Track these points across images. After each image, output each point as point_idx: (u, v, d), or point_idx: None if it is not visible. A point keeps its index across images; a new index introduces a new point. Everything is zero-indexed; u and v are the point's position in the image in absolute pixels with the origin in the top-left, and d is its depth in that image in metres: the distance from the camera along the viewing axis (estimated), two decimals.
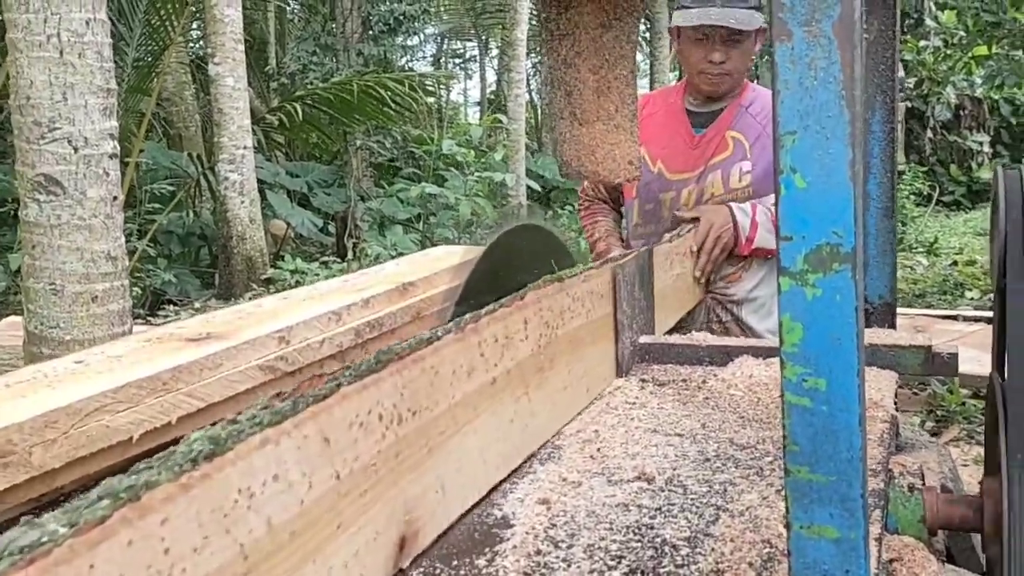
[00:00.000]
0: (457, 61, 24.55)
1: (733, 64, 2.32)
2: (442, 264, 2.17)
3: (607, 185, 2.48)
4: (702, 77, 2.35)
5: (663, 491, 1.21)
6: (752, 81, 2.49)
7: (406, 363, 1.01)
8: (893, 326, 1.93)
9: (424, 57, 22.63)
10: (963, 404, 4.73)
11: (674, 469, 1.28)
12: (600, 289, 1.64)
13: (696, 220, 2.29)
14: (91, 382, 1.32)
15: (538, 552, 1.05)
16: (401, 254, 7.53)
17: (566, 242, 1.62)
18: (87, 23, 3.45)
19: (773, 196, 0.90)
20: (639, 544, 1.06)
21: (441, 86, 18.03)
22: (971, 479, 3.61)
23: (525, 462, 1.35)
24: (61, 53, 3.39)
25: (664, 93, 2.59)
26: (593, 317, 1.60)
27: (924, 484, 1.27)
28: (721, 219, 2.27)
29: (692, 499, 1.18)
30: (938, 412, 4.77)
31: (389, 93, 9.24)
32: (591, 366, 1.59)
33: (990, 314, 1.89)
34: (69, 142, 3.43)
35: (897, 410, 1.58)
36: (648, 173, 2.37)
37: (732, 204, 2.31)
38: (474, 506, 1.17)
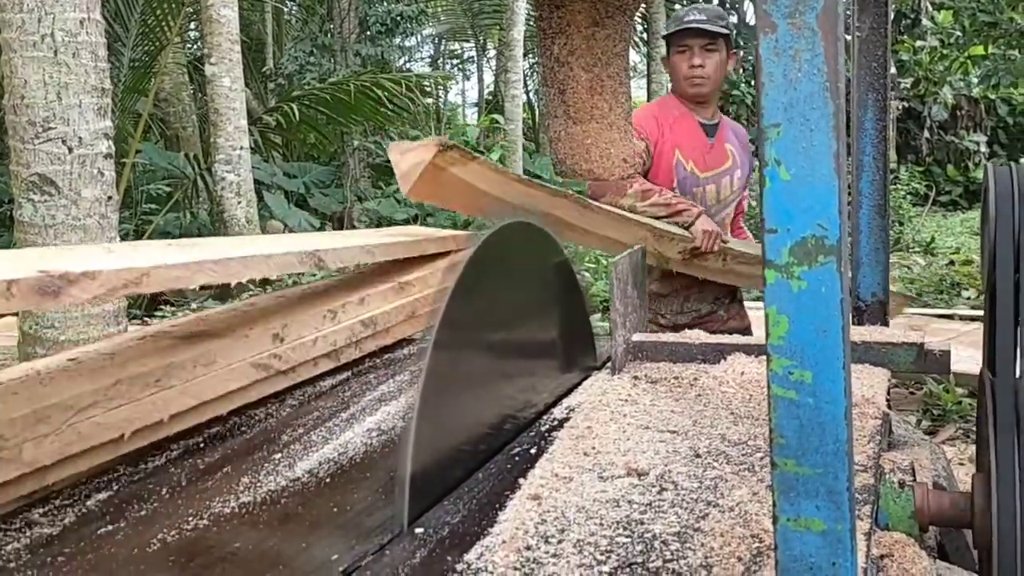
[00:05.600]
0: (455, 62, 24.53)
1: (709, 69, 2.75)
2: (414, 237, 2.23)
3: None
4: (687, 81, 2.76)
5: (654, 487, 1.22)
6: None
7: None
8: (886, 324, 1.93)
9: (421, 58, 22.61)
10: (959, 403, 4.73)
11: (665, 465, 1.28)
12: None
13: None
14: (84, 378, 1.32)
15: (528, 547, 1.05)
16: None
17: (558, 239, 1.62)
18: (81, 23, 3.44)
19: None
20: (628, 539, 1.07)
21: (438, 87, 18.03)
22: (966, 478, 3.61)
23: (517, 456, 1.35)
24: (55, 53, 3.39)
25: (667, 104, 2.90)
26: None
27: (915, 480, 1.28)
28: (711, 236, 2.61)
29: (682, 495, 1.19)
30: (934, 411, 4.77)
31: (386, 94, 9.23)
32: None
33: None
34: (63, 142, 3.42)
35: (889, 407, 1.58)
36: (683, 171, 2.73)
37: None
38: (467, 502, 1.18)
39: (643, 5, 2.08)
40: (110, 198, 3.61)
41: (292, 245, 1.75)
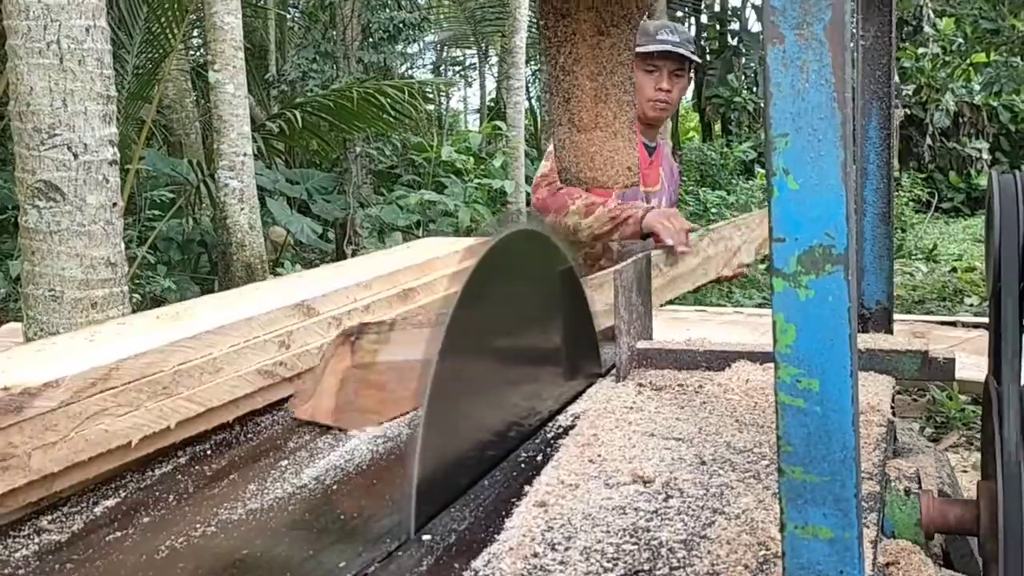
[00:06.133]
0: (457, 68, 24.59)
1: (675, 95, 2.76)
2: (435, 253, 2.20)
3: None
4: (650, 104, 2.75)
5: (660, 494, 1.22)
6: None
7: None
8: (890, 331, 1.93)
9: (424, 64, 22.66)
10: (963, 410, 4.73)
11: (671, 472, 1.29)
12: None
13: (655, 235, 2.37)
14: (91, 386, 1.32)
15: (535, 555, 1.05)
16: None
17: (564, 246, 1.63)
18: (87, 30, 3.46)
19: None
20: (635, 547, 1.07)
21: (441, 93, 18.07)
22: (970, 485, 3.60)
23: (523, 463, 1.35)
24: (61, 60, 3.40)
25: None
26: None
27: (921, 488, 1.28)
28: (678, 220, 2.40)
29: (688, 502, 1.19)
30: (937, 418, 4.77)
31: (389, 100, 9.24)
32: None
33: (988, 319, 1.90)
34: (69, 148, 3.44)
35: (894, 414, 1.58)
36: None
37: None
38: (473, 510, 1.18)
39: (647, 13, 2.10)
40: (115, 204, 3.62)
41: (278, 299, 1.72)
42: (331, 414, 1.56)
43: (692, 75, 2.85)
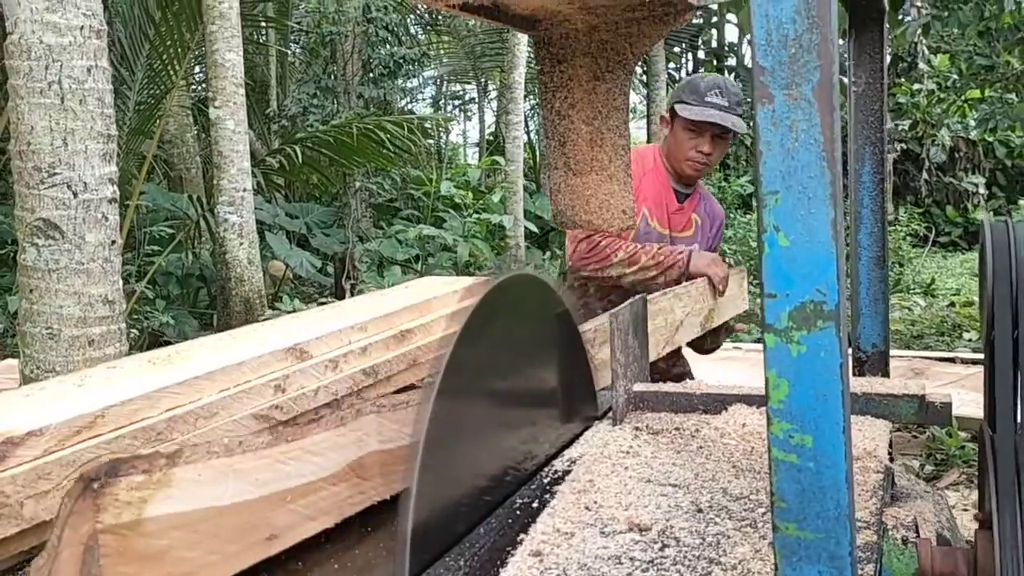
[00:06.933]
0: (456, 103, 24.77)
1: (715, 157, 2.75)
2: (433, 293, 2.19)
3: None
4: (688, 164, 2.74)
5: (656, 543, 1.21)
6: None
7: None
8: (887, 374, 1.93)
9: (423, 99, 22.84)
10: (962, 447, 4.71)
11: (667, 520, 1.28)
12: None
13: (705, 275, 2.60)
14: (84, 432, 1.32)
15: None
16: None
17: (560, 291, 1.63)
18: (88, 70, 3.49)
19: None
20: None
21: (440, 128, 18.18)
22: (970, 524, 3.58)
23: (519, 510, 1.35)
24: (62, 100, 3.43)
25: (645, 156, 2.87)
26: None
27: (919, 536, 1.27)
28: (720, 266, 2.66)
29: (684, 551, 1.18)
30: (937, 455, 4.75)
31: (388, 135, 9.30)
32: None
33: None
34: (69, 187, 3.45)
35: (891, 460, 1.58)
36: (646, 225, 2.76)
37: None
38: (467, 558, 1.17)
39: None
40: (114, 242, 3.63)
41: (274, 340, 1.72)
42: None
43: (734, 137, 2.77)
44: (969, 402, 4.47)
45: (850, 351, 1.94)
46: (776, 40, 0.74)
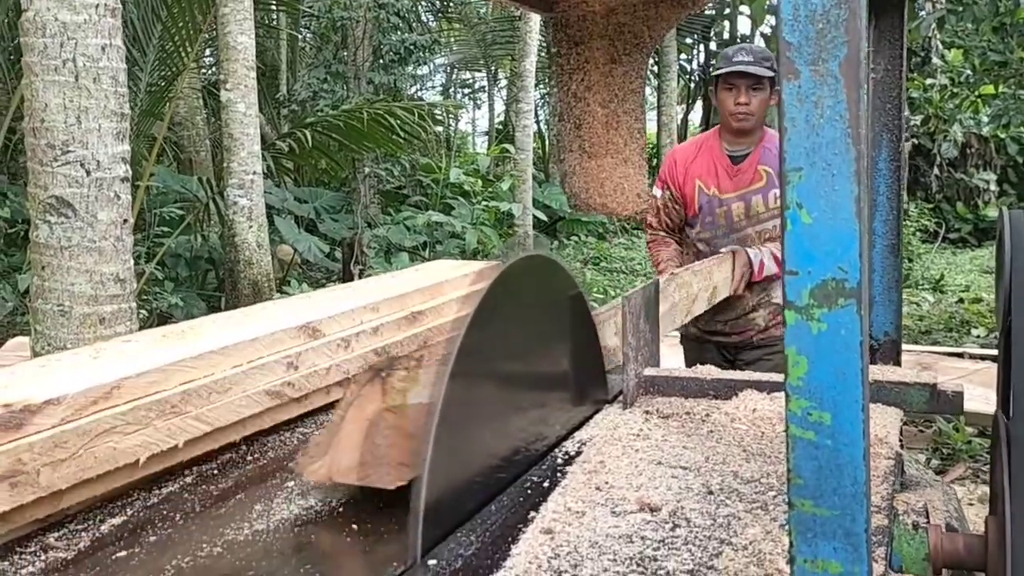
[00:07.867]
0: (466, 91, 24.72)
1: (755, 106, 3.02)
2: (444, 276, 2.20)
3: (671, 212, 3.18)
4: (732, 117, 3.03)
5: (667, 523, 1.21)
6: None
7: None
8: (898, 363, 1.93)
9: (433, 86, 22.78)
10: (969, 442, 4.71)
11: (678, 501, 1.28)
12: None
13: (731, 252, 3.02)
14: (100, 403, 1.32)
15: None
16: None
17: (572, 272, 1.63)
18: (103, 49, 3.49)
19: None
20: None
21: (450, 115, 18.15)
22: (977, 518, 3.58)
23: (530, 489, 1.35)
24: (76, 77, 3.43)
25: (699, 141, 3.28)
26: None
27: (929, 522, 1.27)
28: (742, 261, 3.02)
29: (695, 532, 1.18)
30: (944, 450, 4.74)
31: (398, 121, 9.28)
32: None
33: (996, 352, 1.89)
34: (82, 165, 3.46)
35: (902, 447, 1.58)
36: (705, 195, 3.11)
37: (748, 249, 3.06)
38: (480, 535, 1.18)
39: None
40: (125, 221, 3.63)
41: (285, 319, 1.72)
42: (354, 472, 1.32)
43: (776, 87, 3.00)
44: (976, 397, 4.46)
45: None
46: (803, 15, 0.74)
